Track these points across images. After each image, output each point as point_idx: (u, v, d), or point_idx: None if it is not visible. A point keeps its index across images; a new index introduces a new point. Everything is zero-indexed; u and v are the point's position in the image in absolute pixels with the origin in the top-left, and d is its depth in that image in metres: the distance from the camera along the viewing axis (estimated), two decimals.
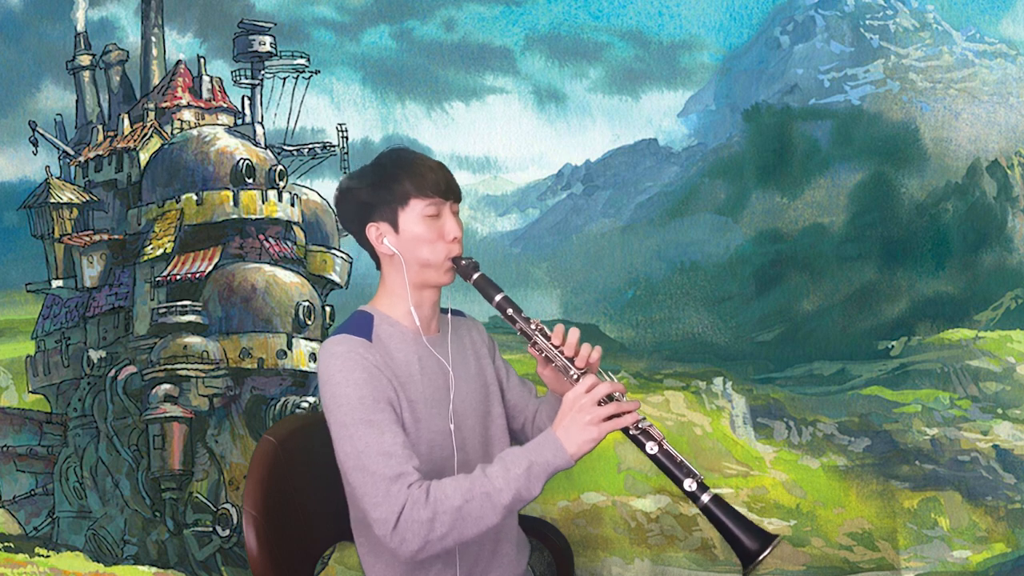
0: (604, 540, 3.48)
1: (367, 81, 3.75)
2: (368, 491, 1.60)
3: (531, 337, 1.78)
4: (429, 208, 1.78)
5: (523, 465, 1.58)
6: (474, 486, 1.58)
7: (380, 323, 1.81)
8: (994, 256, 3.55)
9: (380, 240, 1.81)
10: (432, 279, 1.82)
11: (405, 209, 1.78)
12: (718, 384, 3.61)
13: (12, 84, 3.77)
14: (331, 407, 1.68)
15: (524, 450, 1.61)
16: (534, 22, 3.71)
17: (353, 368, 1.68)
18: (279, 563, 1.78)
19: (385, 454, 1.61)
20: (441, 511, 1.56)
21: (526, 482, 1.58)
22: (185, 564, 3.61)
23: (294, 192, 3.84)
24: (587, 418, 1.60)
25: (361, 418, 1.64)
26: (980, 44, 3.64)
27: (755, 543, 1.58)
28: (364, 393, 1.66)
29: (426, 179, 1.78)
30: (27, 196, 3.83)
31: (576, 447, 1.60)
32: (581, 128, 3.71)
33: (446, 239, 1.80)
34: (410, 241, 1.79)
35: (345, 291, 3.84)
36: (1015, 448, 3.44)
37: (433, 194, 1.78)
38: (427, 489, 1.59)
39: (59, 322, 3.87)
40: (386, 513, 1.57)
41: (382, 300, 1.86)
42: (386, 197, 1.79)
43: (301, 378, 3.73)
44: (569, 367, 1.75)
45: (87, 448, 3.74)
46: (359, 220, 1.82)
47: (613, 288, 3.65)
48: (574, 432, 1.60)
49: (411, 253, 1.79)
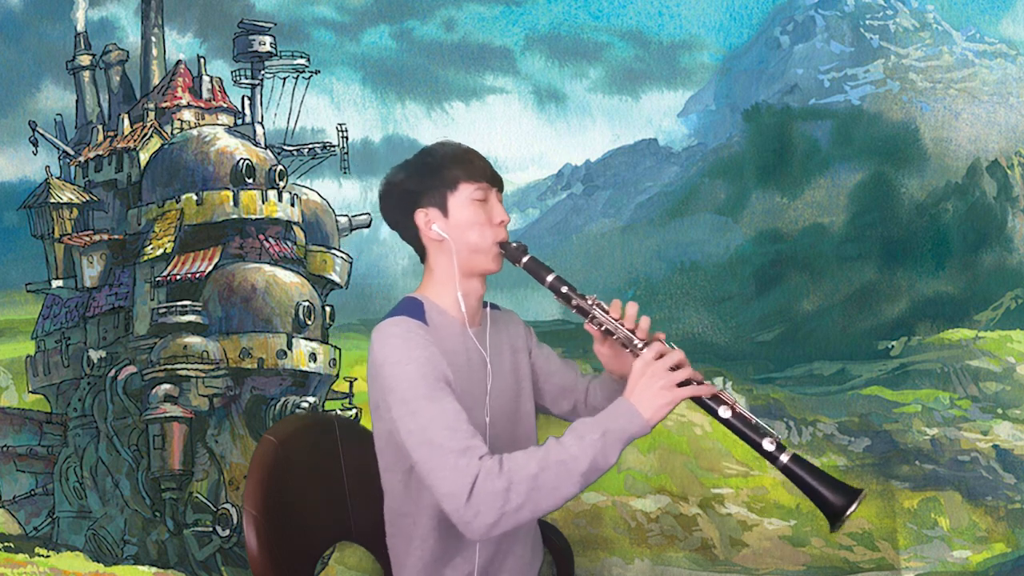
0: (604, 540, 3.48)
1: (367, 81, 3.75)
2: (436, 465, 1.57)
3: (589, 312, 1.78)
4: (477, 192, 1.80)
5: (598, 432, 1.55)
6: (548, 455, 1.54)
7: (430, 310, 1.81)
8: (994, 256, 3.55)
9: (429, 226, 1.81)
10: (480, 265, 1.83)
11: (455, 193, 1.80)
12: (718, 384, 3.61)
13: (12, 84, 3.77)
14: (391, 386, 1.67)
15: (597, 419, 1.58)
16: (534, 22, 3.71)
17: (413, 347, 1.68)
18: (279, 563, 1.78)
19: (451, 428, 1.59)
20: (517, 480, 1.52)
21: (602, 448, 1.55)
22: (185, 564, 3.61)
23: (294, 192, 3.84)
24: (661, 383, 1.60)
25: (424, 394, 1.63)
26: (980, 44, 3.64)
27: (840, 499, 1.54)
28: (426, 371, 1.65)
29: (475, 165, 1.82)
30: (27, 196, 3.83)
31: (651, 412, 1.58)
32: (581, 128, 3.71)
33: (494, 223, 1.82)
34: (459, 225, 1.80)
35: (345, 291, 3.84)
36: (1015, 448, 3.44)
37: (481, 179, 1.81)
38: (499, 460, 1.55)
39: (59, 322, 3.87)
40: (457, 486, 1.53)
41: (429, 288, 1.86)
42: (435, 183, 1.80)
43: (301, 378, 3.73)
44: (632, 337, 1.74)
45: (87, 448, 3.74)
46: (407, 208, 1.83)
47: (613, 288, 3.65)
48: (648, 397, 1.59)
49: (461, 238, 1.80)
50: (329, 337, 3.80)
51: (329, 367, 3.78)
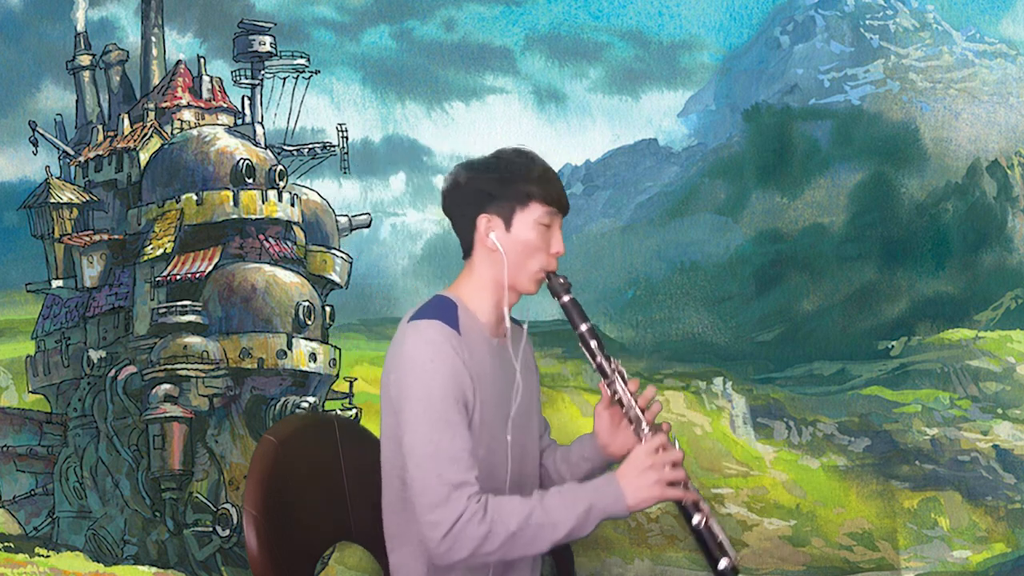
0: (604, 540, 3.48)
1: (367, 81, 3.75)
2: (428, 490, 1.60)
3: (609, 377, 1.77)
4: (545, 216, 1.77)
5: (583, 506, 1.60)
6: (532, 514, 1.59)
7: (463, 315, 1.77)
8: (994, 256, 3.55)
9: (488, 233, 1.77)
10: (521, 285, 1.80)
11: (524, 210, 1.76)
12: (718, 384, 3.61)
13: (12, 84, 3.77)
14: (412, 392, 1.66)
15: (586, 491, 1.63)
16: (534, 22, 3.71)
17: (444, 360, 1.66)
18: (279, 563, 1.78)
19: (453, 458, 1.61)
20: (495, 531, 1.58)
21: (582, 523, 1.60)
22: (185, 564, 3.61)
23: (294, 192, 3.84)
24: (654, 477, 1.62)
25: (440, 415, 1.63)
26: (980, 44, 3.64)
27: None
28: (448, 391, 1.65)
29: (552, 186, 1.78)
30: (27, 196, 3.83)
31: (636, 501, 1.62)
32: (581, 128, 3.71)
33: (550, 251, 1.79)
34: (518, 243, 1.77)
35: (345, 291, 3.84)
36: (1015, 448, 3.44)
37: (554, 204, 1.78)
38: (485, 505, 1.59)
39: (59, 322, 3.87)
40: (441, 518, 1.58)
41: (465, 290, 1.82)
42: (508, 193, 1.76)
43: (301, 378, 3.73)
44: (641, 419, 1.73)
45: (87, 448, 3.74)
46: (473, 207, 1.78)
47: (613, 288, 3.65)
48: (640, 486, 1.62)
49: (514, 255, 1.77)
50: (329, 337, 3.80)
51: (329, 367, 3.78)
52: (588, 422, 1.92)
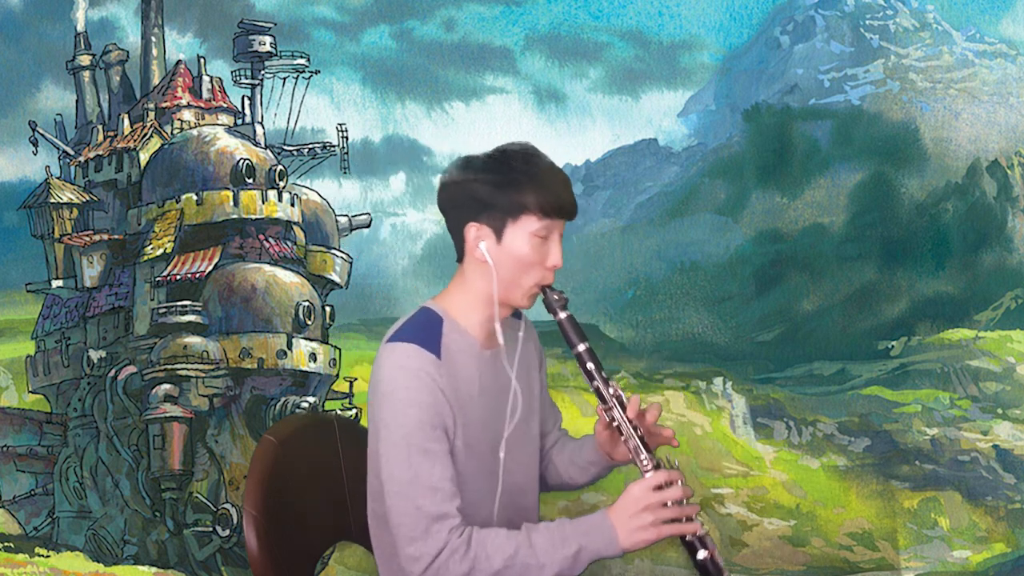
0: None
1: (367, 81, 3.75)
2: (407, 523, 1.54)
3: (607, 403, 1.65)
4: (541, 229, 1.62)
5: (572, 548, 1.52)
6: (518, 554, 1.52)
7: (449, 330, 1.67)
8: (994, 256, 3.55)
9: (476, 243, 1.63)
10: (513, 300, 1.67)
11: (516, 222, 1.61)
12: (718, 384, 3.61)
13: (12, 84, 3.77)
14: (388, 422, 1.60)
15: (576, 532, 1.54)
16: (534, 22, 3.71)
17: (419, 388, 1.59)
18: (279, 563, 1.78)
19: (433, 489, 1.54)
20: (478, 569, 1.51)
21: (571, 565, 1.53)
22: (185, 564, 3.61)
23: (294, 192, 3.84)
24: (650, 519, 1.53)
25: (417, 444, 1.56)
26: (980, 44, 3.64)
27: None
28: (425, 419, 1.57)
29: (550, 194, 1.62)
30: (27, 196, 3.83)
31: (630, 544, 1.54)
32: (581, 128, 3.71)
33: (545, 265, 1.64)
34: (509, 257, 1.63)
35: (345, 291, 3.84)
36: (1015, 448, 3.44)
37: (552, 214, 1.62)
38: (468, 539, 1.52)
39: (59, 322, 3.87)
40: (421, 552, 1.52)
41: (454, 301, 1.71)
42: (500, 201, 1.61)
43: (301, 378, 3.73)
44: (641, 450, 1.61)
45: (87, 448, 3.74)
46: (462, 213, 1.65)
47: (613, 288, 3.65)
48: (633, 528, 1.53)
49: (505, 269, 1.63)
50: (329, 337, 3.80)
51: (329, 367, 3.77)
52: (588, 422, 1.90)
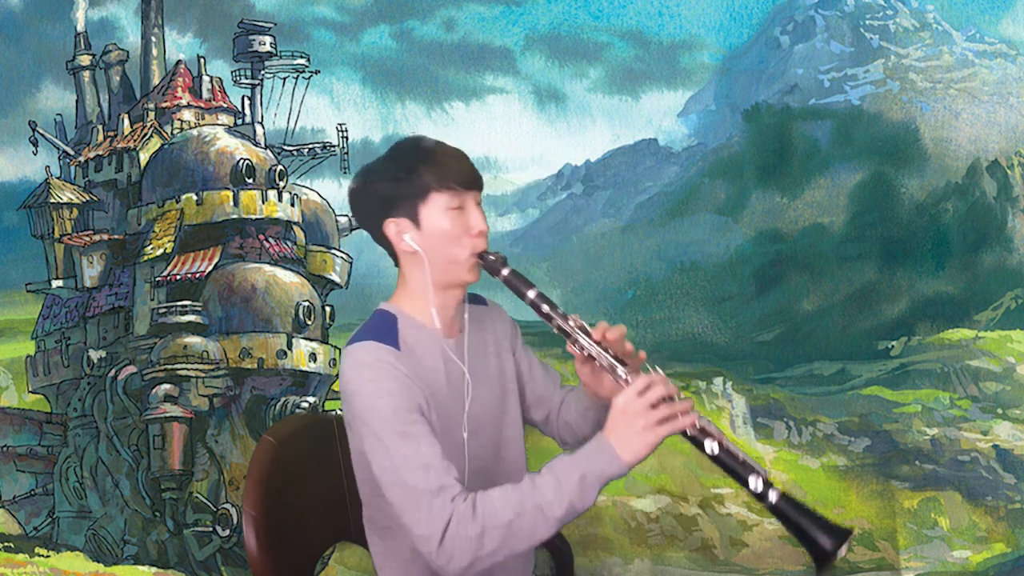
0: (604, 540, 3.48)
1: (367, 81, 3.75)
2: (409, 507, 1.53)
3: (571, 335, 1.67)
4: (452, 200, 1.66)
5: (576, 476, 1.50)
6: (524, 499, 1.50)
7: (405, 327, 1.71)
8: (994, 256, 3.55)
9: (400, 237, 1.68)
10: (457, 277, 1.71)
11: (426, 203, 1.66)
12: (718, 384, 3.61)
13: (12, 84, 3.77)
14: (364, 419, 1.61)
15: (576, 460, 1.52)
16: (534, 22, 3.71)
17: (384, 378, 1.60)
18: (279, 563, 1.78)
19: (424, 467, 1.54)
20: (491, 526, 1.49)
21: (580, 493, 1.50)
22: (185, 564, 3.61)
23: (294, 192, 3.84)
24: (641, 423, 1.52)
25: (396, 430, 1.57)
26: (980, 44, 3.64)
27: (831, 540, 1.48)
28: (397, 404, 1.59)
29: (448, 169, 1.67)
30: (27, 196, 3.83)
31: (632, 455, 1.52)
32: (581, 128, 3.71)
33: (471, 233, 1.68)
34: (433, 237, 1.67)
35: (345, 291, 3.84)
36: (1015, 448, 3.44)
37: (456, 186, 1.66)
38: (473, 503, 1.51)
39: (59, 322, 3.87)
40: (430, 529, 1.50)
41: (404, 300, 1.75)
42: (404, 191, 1.66)
43: (301, 378, 3.73)
44: (616, 366, 1.63)
45: (87, 448, 3.74)
46: (376, 216, 1.70)
47: (613, 288, 3.65)
48: (629, 439, 1.52)
49: (435, 250, 1.68)
50: (329, 337, 3.80)
51: (329, 367, 3.78)
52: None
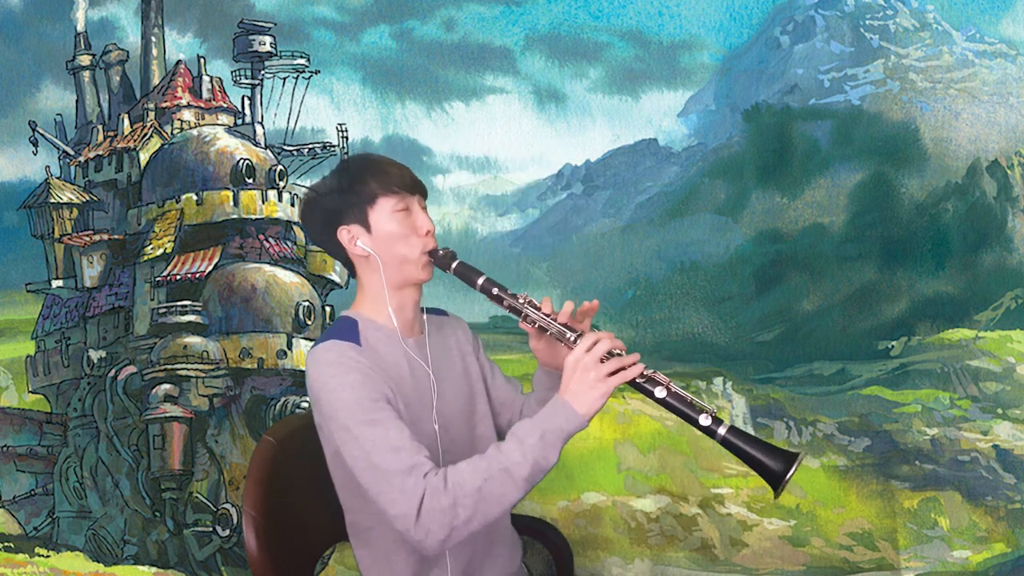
0: (604, 540, 3.48)
1: (367, 81, 3.75)
2: (383, 488, 1.58)
3: (521, 311, 1.79)
4: (399, 204, 1.79)
5: (536, 434, 1.57)
6: (491, 464, 1.57)
7: (365, 328, 1.80)
8: (994, 256, 3.55)
9: (353, 242, 1.80)
10: (411, 276, 1.82)
11: (374, 208, 1.79)
12: (718, 384, 3.61)
13: (12, 84, 3.77)
14: (330, 414, 1.66)
15: (535, 420, 1.60)
16: (534, 22, 3.71)
17: (347, 372, 1.67)
18: (279, 563, 1.79)
19: (394, 449, 1.60)
20: (461, 495, 1.55)
21: (542, 450, 1.57)
22: (185, 564, 3.61)
23: (294, 192, 3.84)
24: (592, 376, 1.60)
25: (362, 419, 1.63)
26: (980, 44, 3.64)
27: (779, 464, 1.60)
28: (361, 395, 1.65)
29: (390, 175, 1.80)
30: (27, 196, 3.83)
31: (586, 407, 1.60)
32: (581, 128, 3.71)
33: (419, 233, 1.81)
34: (384, 239, 1.79)
35: (345, 291, 3.84)
36: (1015, 448, 3.44)
37: (400, 189, 1.80)
38: (444, 476, 1.57)
39: (59, 322, 3.87)
40: (405, 507, 1.56)
41: (363, 305, 1.85)
42: (353, 199, 1.79)
43: (301, 378, 3.73)
44: (565, 332, 1.74)
45: (87, 448, 3.74)
46: (329, 227, 1.82)
47: (613, 288, 3.65)
48: (582, 393, 1.60)
49: (387, 251, 1.79)
50: None
51: None
52: None
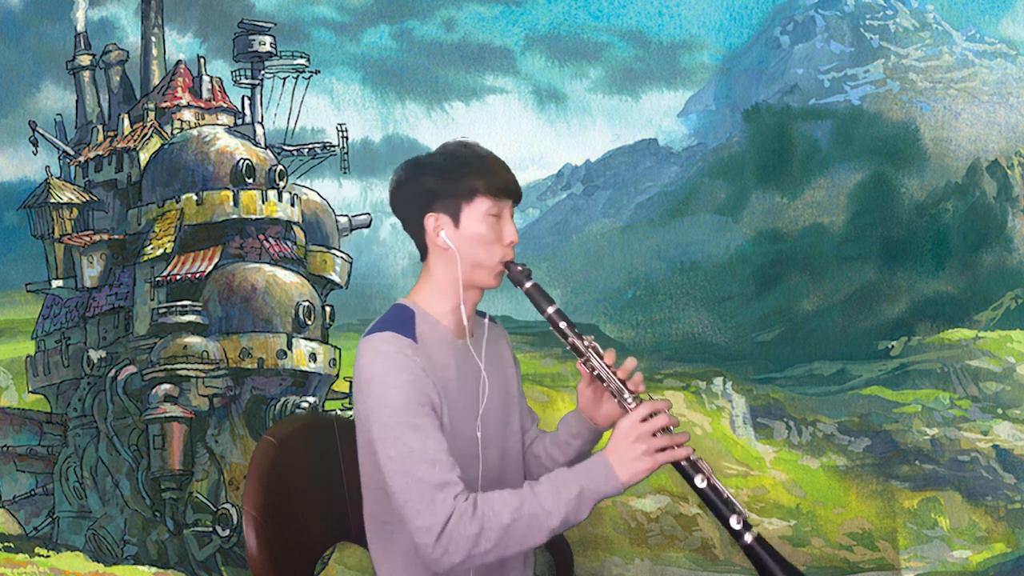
0: (604, 540, 3.48)
1: (367, 81, 3.75)
2: (411, 497, 1.57)
3: (584, 355, 1.75)
4: (493, 208, 1.74)
5: (575, 490, 1.57)
6: (523, 505, 1.56)
7: (421, 321, 1.76)
8: (994, 256, 3.55)
9: (437, 232, 1.76)
10: (481, 281, 1.78)
11: (470, 205, 1.74)
12: (718, 384, 3.61)
13: (12, 84, 3.77)
14: (374, 407, 1.65)
15: (575, 474, 1.60)
16: (534, 22, 3.71)
17: (400, 369, 1.65)
18: (279, 563, 1.78)
19: (430, 461, 1.58)
20: (488, 527, 1.54)
21: (576, 507, 1.57)
22: (185, 564, 3.61)
23: (294, 192, 3.84)
24: (642, 448, 1.60)
25: (406, 421, 1.61)
26: (980, 44, 3.64)
27: None
28: (410, 397, 1.63)
29: (497, 177, 1.75)
30: (27, 196, 3.83)
31: (628, 476, 1.60)
32: (581, 128, 3.71)
33: (503, 242, 1.76)
34: (469, 238, 1.74)
35: (345, 291, 3.84)
36: (1015, 448, 3.44)
37: (500, 194, 1.75)
38: (474, 502, 1.56)
39: (59, 322, 3.87)
40: (430, 522, 1.55)
41: (424, 294, 1.81)
42: (452, 189, 1.74)
43: (301, 378, 3.73)
44: (623, 390, 1.71)
45: (87, 448, 3.74)
46: (419, 207, 1.77)
47: (613, 288, 3.65)
48: (628, 461, 1.59)
49: (467, 251, 1.75)
50: (329, 337, 3.80)
51: (329, 367, 3.78)
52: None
